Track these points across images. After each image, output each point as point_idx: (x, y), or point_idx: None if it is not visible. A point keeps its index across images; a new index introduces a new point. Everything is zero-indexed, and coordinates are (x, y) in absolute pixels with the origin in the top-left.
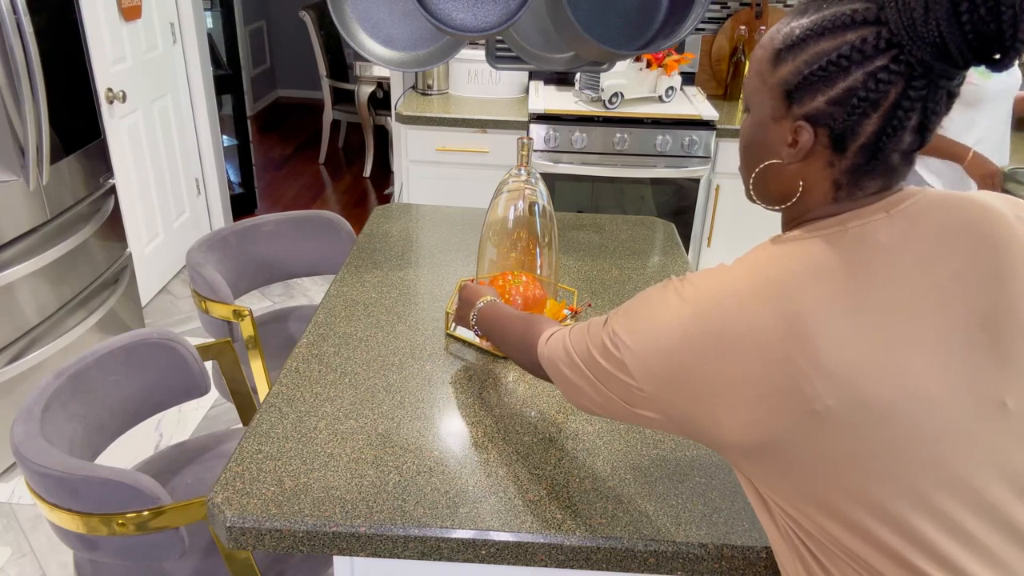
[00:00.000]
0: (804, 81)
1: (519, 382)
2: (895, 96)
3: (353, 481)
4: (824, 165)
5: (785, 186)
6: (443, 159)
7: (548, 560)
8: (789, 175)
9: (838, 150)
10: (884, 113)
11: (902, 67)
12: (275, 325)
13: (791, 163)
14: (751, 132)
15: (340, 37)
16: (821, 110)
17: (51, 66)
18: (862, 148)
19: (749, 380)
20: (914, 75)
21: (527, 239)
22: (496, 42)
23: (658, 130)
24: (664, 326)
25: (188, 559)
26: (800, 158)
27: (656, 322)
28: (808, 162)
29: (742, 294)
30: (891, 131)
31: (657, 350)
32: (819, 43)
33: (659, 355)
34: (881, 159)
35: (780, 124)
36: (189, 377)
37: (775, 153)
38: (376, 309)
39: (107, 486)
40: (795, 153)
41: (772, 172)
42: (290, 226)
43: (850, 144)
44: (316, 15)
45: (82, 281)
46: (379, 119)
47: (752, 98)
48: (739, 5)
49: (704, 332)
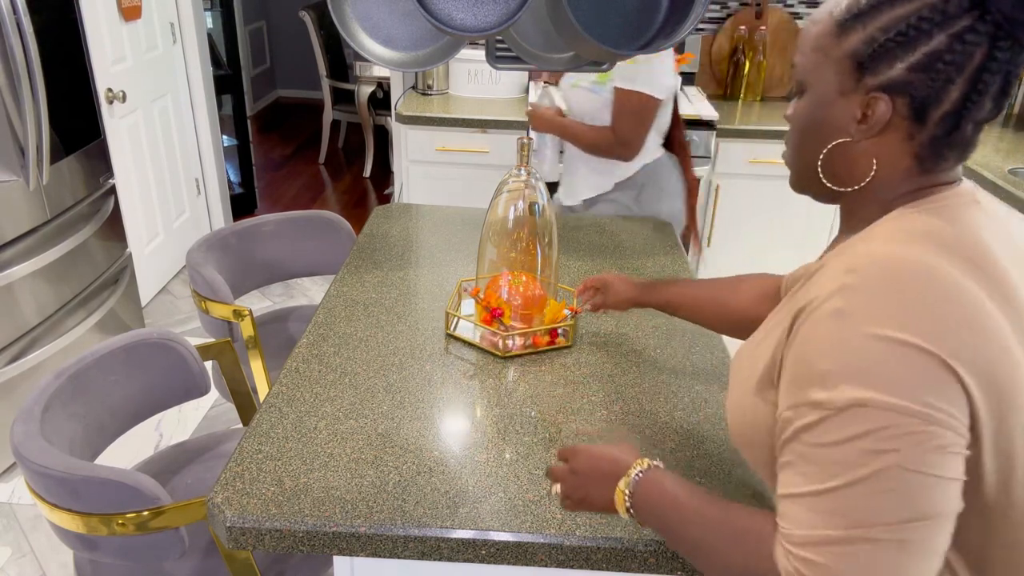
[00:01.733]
0: (880, 49)
1: (519, 382)
2: (980, 59)
3: (353, 481)
4: (903, 138)
5: (856, 167)
6: (443, 159)
7: (548, 560)
8: (860, 154)
9: (919, 120)
10: (969, 77)
11: (988, 26)
12: (275, 325)
13: (863, 140)
14: (810, 113)
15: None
16: (900, 78)
17: (51, 66)
18: (944, 117)
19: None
20: (999, 35)
21: (527, 239)
22: (496, 42)
23: None
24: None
25: (188, 559)
26: (875, 133)
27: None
28: (883, 137)
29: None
30: (975, 97)
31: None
32: (893, 8)
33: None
34: (962, 128)
35: (849, 99)
36: (189, 377)
37: (842, 131)
38: (376, 309)
39: (107, 486)
40: (868, 128)
41: (839, 152)
42: (290, 226)
43: (932, 113)
44: (316, 15)
45: (82, 281)
46: (379, 119)
47: (810, 76)
48: (739, 5)
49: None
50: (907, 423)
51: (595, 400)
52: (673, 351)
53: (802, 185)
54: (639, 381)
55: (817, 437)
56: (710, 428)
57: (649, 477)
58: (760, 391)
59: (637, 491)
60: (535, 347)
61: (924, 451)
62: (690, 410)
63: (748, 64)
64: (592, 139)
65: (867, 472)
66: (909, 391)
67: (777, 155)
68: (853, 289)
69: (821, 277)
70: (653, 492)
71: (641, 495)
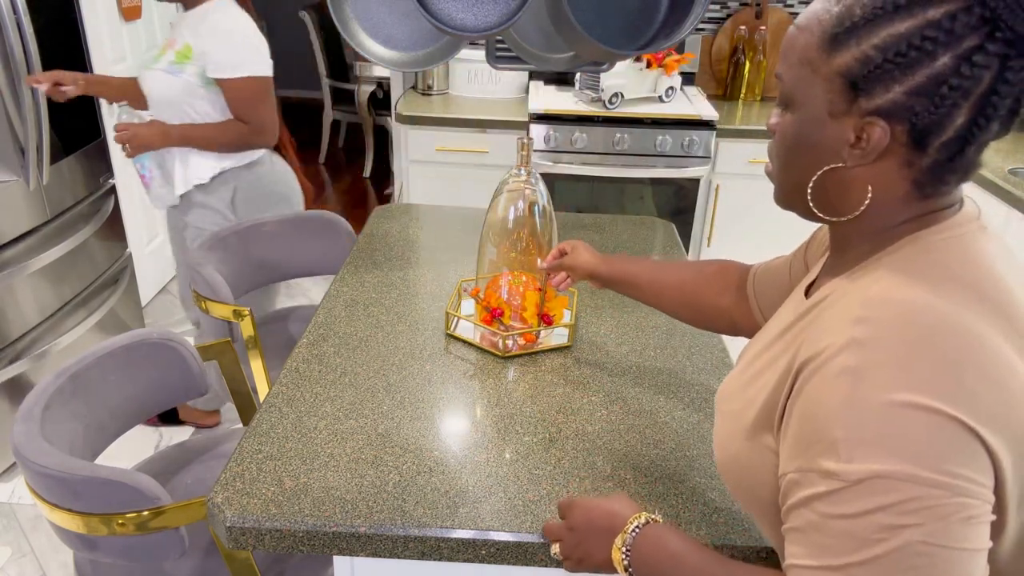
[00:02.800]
0: (876, 70)
1: (519, 382)
2: (989, 82)
3: (353, 481)
4: (900, 165)
5: (849, 194)
6: (443, 159)
7: (548, 560)
8: (853, 180)
9: (919, 147)
10: (976, 102)
11: (999, 46)
12: (275, 325)
13: (856, 166)
14: (796, 131)
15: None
16: (898, 103)
17: (51, 66)
18: (947, 143)
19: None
20: (1012, 55)
21: (527, 239)
22: (496, 42)
23: (658, 130)
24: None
25: (188, 559)
26: (870, 160)
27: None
28: (879, 163)
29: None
30: (983, 121)
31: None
32: (892, 23)
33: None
34: (965, 152)
35: (840, 121)
36: (189, 377)
37: (833, 155)
38: (376, 309)
39: (107, 486)
40: (863, 155)
41: (831, 179)
42: (290, 226)
43: (933, 140)
44: (316, 15)
45: (82, 281)
46: (379, 119)
47: (796, 91)
48: (739, 5)
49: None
50: (931, 495)
51: (595, 400)
52: (673, 351)
53: (789, 204)
54: (639, 381)
55: (830, 508)
56: (710, 428)
57: (646, 533)
58: (754, 436)
59: (635, 549)
60: (533, 344)
61: (950, 524)
62: (690, 410)
63: (748, 64)
64: (224, 137)
65: (888, 548)
66: (932, 461)
67: None
68: (864, 345)
69: (826, 322)
70: (651, 550)
71: (639, 553)
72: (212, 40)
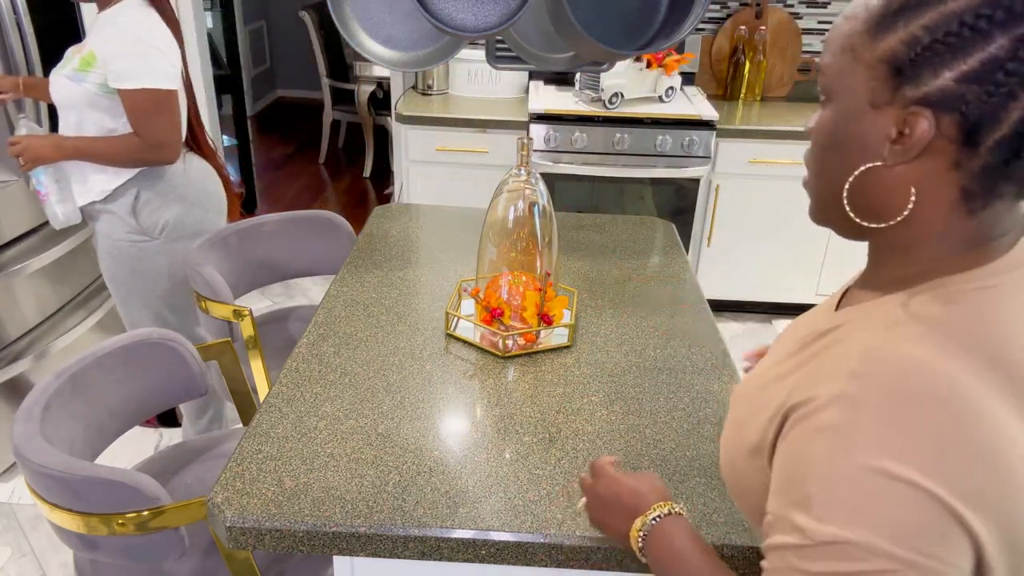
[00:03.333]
0: (923, 52)
1: (519, 382)
2: None
3: (353, 481)
4: (947, 166)
5: (892, 196)
6: (443, 159)
7: (548, 560)
8: (894, 181)
9: (970, 144)
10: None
11: None
12: (275, 325)
13: (897, 164)
14: (833, 127)
15: (340, 37)
16: (947, 91)
17: (51, 66)
18: (1001, 142)
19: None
20: None
21: (527, 239)
22: (496, 42)
23: (658, 130)
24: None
25: (188, 559)
26: (912, 157)
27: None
28: (923, 162)
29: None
30: None
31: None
32: (944, 1)
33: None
34: (1023, 157)
35: (882, 113)
36: (189, 377)
37: (873, 153)
38: (376, 309)
39: (107, 486)
40: (904, 151)
41: (870, 179)
42: (290, 226)
43: (986, 136)
44: (316, 15)
45: (82, 281)
46: (379, 119)
47: (837, 82)
48: (739, 5)
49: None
50: (894, 570)
51: (595, 400)
52: (673, 351)
53: (825, 215)
54: (639, 381)
55: (797, 561)
56: (710, 428)
57: (665, 524)
58: (752, 456)
59: (651, 535)
60: (533, 344)
61: None
62: (690, 410)
63: (748, 64)
64: (119, 153)
65: None
66: (901, 537)
67: (777, 155)
68: (853, 403)
69: (825, 363)
70: (664, 541)
71: (653, 541)
72: (115, 47)
